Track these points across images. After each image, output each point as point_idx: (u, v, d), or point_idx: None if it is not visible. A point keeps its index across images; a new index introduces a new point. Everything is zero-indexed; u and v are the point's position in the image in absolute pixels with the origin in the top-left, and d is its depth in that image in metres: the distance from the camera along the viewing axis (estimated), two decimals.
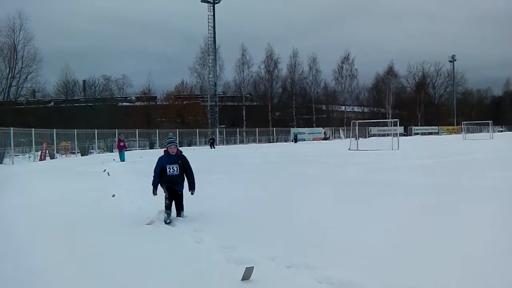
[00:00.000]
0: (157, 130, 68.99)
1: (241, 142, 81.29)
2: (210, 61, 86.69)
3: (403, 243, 7.05)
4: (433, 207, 10.10)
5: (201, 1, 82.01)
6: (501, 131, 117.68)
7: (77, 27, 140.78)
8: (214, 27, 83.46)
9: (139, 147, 62.97)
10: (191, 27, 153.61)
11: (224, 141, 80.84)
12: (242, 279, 5.57)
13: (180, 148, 10.14)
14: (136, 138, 63.78)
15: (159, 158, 10.04)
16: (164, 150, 10.17)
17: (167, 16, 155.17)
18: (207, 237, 7.90)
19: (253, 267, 5.68)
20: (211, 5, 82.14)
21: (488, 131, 75.70)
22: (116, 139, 33.58)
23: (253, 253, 6.62)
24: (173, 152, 9.94)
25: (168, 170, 9.80)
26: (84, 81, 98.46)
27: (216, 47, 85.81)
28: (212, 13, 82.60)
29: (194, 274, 5.98)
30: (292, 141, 79.13)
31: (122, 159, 32.93)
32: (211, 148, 54.89)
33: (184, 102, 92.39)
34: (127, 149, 30.89)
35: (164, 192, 9.83)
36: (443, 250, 6.53)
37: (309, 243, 7.17)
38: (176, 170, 9.82)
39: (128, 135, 63.27)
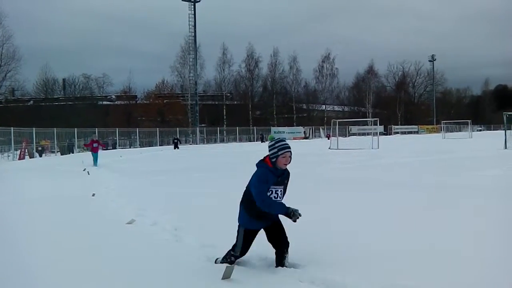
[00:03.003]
0: (137, 129, 68.80)
1: (222, 141, 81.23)
2: (191, 59, 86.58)
3: (387, 242, 7.06)
4: (417, 205, 10.21)
5: (182, 0, 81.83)
6: (480, 130, 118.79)
7: (57, 24, 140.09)
8: (194, 25, 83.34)
9: (119, 146, 62.66)
10: (172, 25, 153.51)
11: (205, 140, 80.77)
12: (222, 278, 5.55)
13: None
14: (116, 137, 63.48)
15: (265, 171, 5.85)
16: (266, 158, 5.96)
17: (148, 14, 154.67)
18: (187, 236, 7.87)
19: (233, 266, 5.67)
20: (192, 3, 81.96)
21: (467, 130, 76.43)
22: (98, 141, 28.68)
23: None
24: (286, 165, 5.89)
25: (269, 194, 5.86)
26: (64, 79, 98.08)
27: (197, 45, 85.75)
28: (192, 11, 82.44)
29: (174, 272, 5.96)
30: (260, 141, 76.55)
31: (95, 163, 27.34)
32: (175, 148, 54.12)
33: (165, 101, 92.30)
34: (104, 148, 27.32)
35: (238, 238, 6.11)
36: (429, 248, 6.57)
37: (291, 242, 7.19)
38: (281, 195, 5.99)
39: (108, 134, 62.98)
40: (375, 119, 51.95)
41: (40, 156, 44.72)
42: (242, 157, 32.76)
